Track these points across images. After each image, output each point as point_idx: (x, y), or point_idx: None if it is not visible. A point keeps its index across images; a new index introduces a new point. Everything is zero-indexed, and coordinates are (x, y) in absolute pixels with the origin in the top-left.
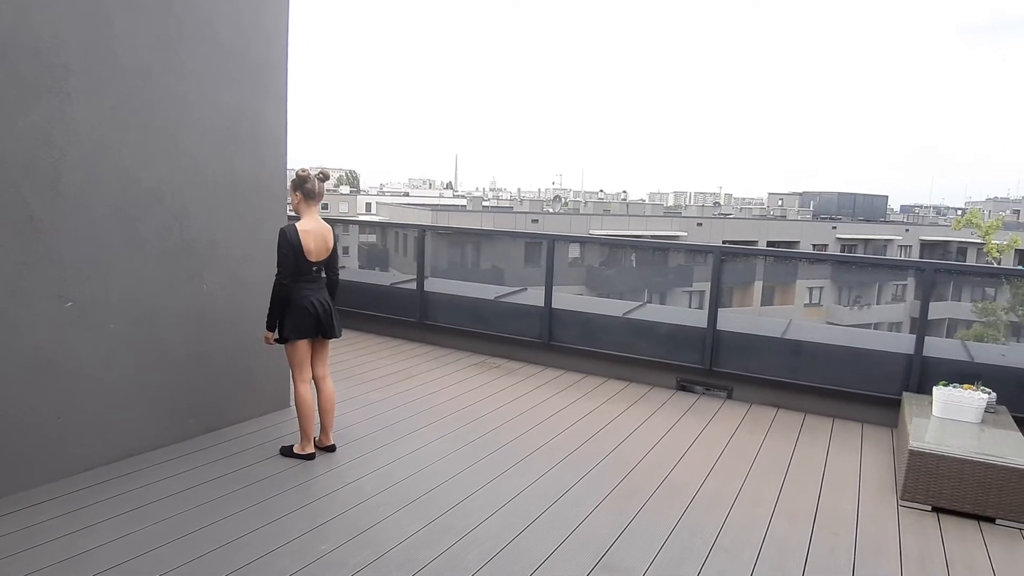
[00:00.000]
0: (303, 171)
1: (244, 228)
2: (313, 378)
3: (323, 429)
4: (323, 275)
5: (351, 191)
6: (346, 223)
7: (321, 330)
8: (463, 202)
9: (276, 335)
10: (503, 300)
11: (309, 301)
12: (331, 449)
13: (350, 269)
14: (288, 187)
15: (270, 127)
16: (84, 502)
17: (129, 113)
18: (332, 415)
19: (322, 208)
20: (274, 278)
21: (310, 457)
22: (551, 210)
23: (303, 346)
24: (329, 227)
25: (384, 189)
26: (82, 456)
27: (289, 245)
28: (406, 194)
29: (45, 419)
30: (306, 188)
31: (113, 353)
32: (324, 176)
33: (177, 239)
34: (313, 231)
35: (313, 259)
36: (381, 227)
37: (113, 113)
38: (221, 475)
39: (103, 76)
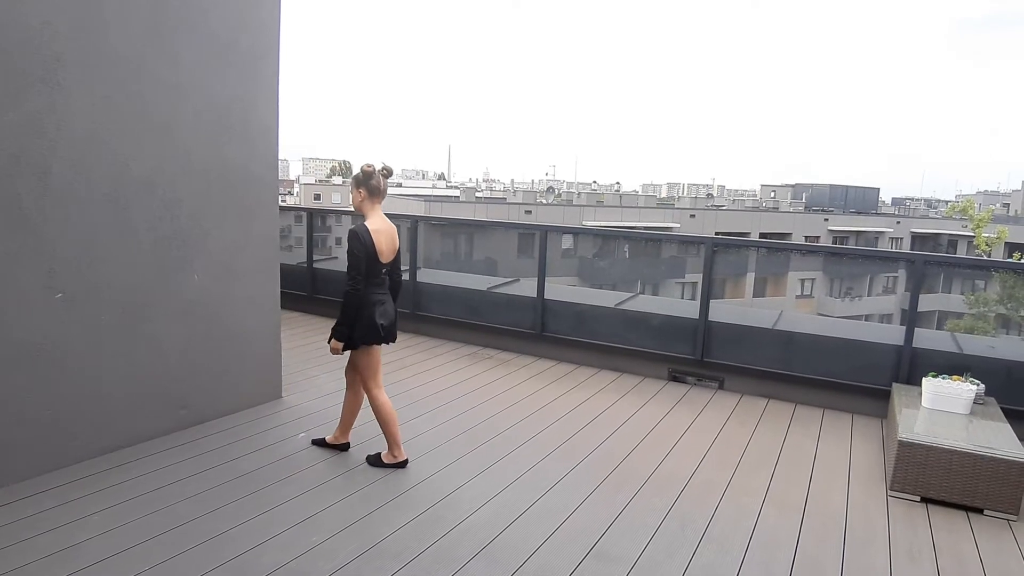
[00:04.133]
0: (368, 166)
1: (236, 218)
2: (349, 380)
3: (343, 427)
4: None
5: (344, 181)
6: (339, 214)
7: (391, 336)
8: (456, 193)
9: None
10: (496, 291)
11: (383, 307)
12: (345, 447)
13: (343, 259)
14: (350, 183)
15: (262, 116)
16: (74, 494)
17: (120, 102)
18: (355, 417)
19: (315, 199)
20: (347, 285)
21: (402, 465)
22: (544, 201)
23: (376, 351)
24: (394, 226)
25: None
26: (72, 448)
27: (363, 248)
28: (399, 185)
29: (35, 411)
30: (371, 184)
31: (104, 344)
32: (388, 172)
33: (168, 229)
34: (384, 231)
35: (384, 260)
36: None
37: (105, 103)
38: (212, 467)
39: (95, 65)
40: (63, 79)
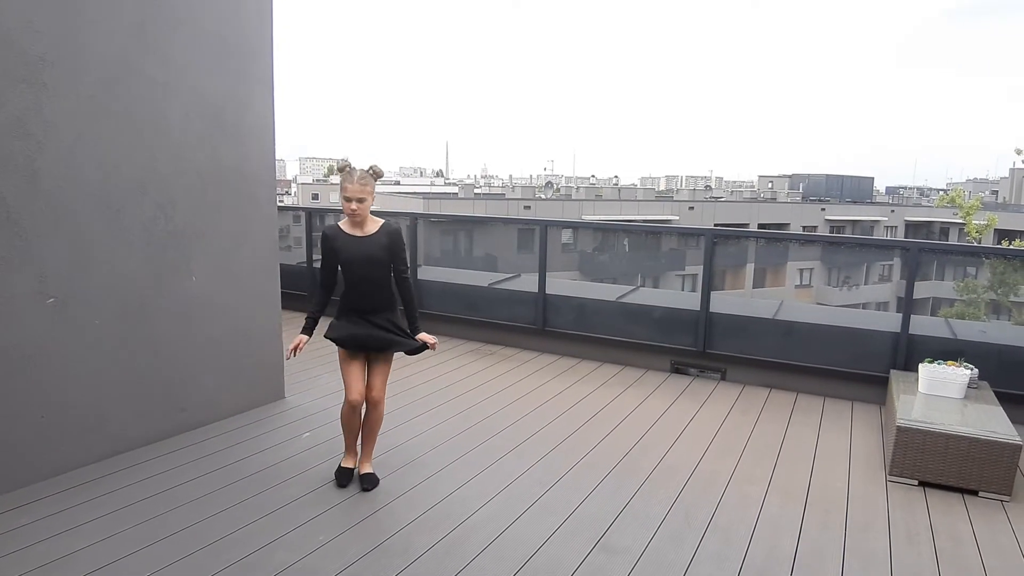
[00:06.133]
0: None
1: (232, 218)
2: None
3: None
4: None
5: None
6: (338, 213)
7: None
8: (455, 189)
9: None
10: (497, 287)
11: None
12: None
13: None
14: (369, 179)
15: (256, 115)
16: (70, 502)
17: (108, 102)
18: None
19: (312, 198)
20: (406, 273)
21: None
22: (543, 196)
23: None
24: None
25: None
26: (68, 455)
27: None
28: (397, 183)
29: (28, 418)
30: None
31: (99, 348)
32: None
33: (163, 230)
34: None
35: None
36: None
37: (91, 103)
38: (214, 469)
39: (80, 65)
40: (48, 79)
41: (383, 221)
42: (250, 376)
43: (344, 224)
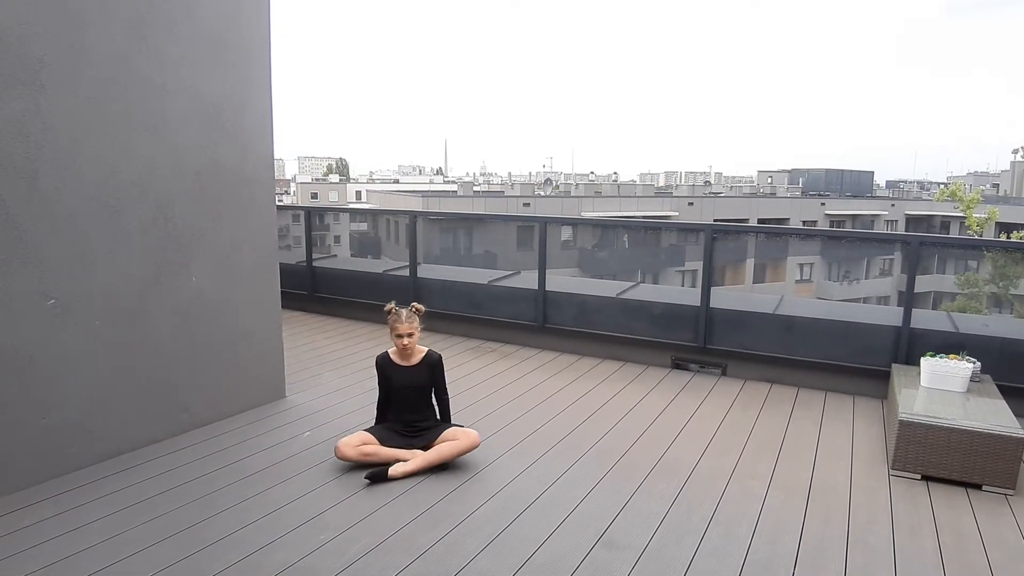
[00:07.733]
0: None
1: (232, 218)
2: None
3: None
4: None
5: (341, 179)
6: (337, 212)
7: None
8: (454, 187)
9: None
10: (497, 284)
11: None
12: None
13: (342, 257)
14: (416, 321)
15: (254, 115)
16: (73, 503)
17: (107, 103)
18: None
19: (312, 197)
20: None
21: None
22: (542, 193)
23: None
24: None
25: (374, 177)
26: (69, 456)
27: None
28: (396, 181)
29: (29, 420)
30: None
31: (99, 350)
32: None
33: (162, 231)
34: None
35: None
36: (372, 215)
37: (90, 104)
38: (216, 469)
39: (78, 66)
40: (46, 81)
41: (426, 351)
42: (251, 376)
43: (393, 354)
